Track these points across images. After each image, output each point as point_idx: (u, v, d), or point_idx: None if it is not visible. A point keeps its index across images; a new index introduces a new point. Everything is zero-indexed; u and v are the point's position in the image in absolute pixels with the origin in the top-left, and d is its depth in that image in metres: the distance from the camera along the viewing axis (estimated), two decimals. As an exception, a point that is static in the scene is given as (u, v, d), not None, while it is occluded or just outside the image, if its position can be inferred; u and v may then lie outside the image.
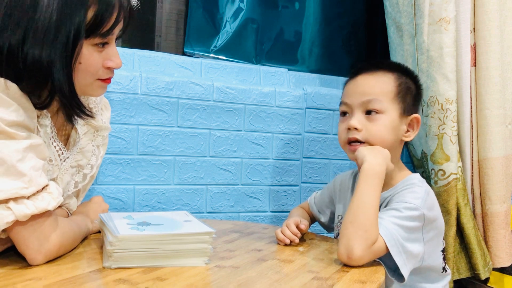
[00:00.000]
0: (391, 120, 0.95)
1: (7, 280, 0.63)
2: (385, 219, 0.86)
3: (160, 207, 1.29)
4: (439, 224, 0.95)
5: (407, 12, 1.38)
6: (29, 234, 0.70)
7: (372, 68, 0.99)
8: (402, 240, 0.85)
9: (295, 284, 0.69)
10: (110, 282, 0.66)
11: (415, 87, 1.01)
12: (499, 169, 1.33)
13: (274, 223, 1.43)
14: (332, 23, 1.73)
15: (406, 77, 1.00)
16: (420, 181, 0.96)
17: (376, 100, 0.94)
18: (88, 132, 0.93)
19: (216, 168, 1.36)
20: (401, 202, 0.89)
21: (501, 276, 1.39)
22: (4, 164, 0.67)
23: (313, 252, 0.91)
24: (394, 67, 1.01)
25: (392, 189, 0.96)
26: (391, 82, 0.97)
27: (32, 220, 0.70)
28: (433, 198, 0.94)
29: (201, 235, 0.76)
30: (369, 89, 0.96)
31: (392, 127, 0.95)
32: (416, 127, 0.99)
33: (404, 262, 0.84)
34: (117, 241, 0.71)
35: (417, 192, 0.91)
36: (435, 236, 0.94)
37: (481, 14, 1.33)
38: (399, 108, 0.96)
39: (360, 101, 0.96)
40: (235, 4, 1.53)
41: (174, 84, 1.30)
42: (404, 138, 0.98)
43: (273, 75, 1.53)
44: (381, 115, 0.95)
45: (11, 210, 0.67)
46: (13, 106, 0.69)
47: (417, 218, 0.88)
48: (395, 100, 0.96)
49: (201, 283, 0.68)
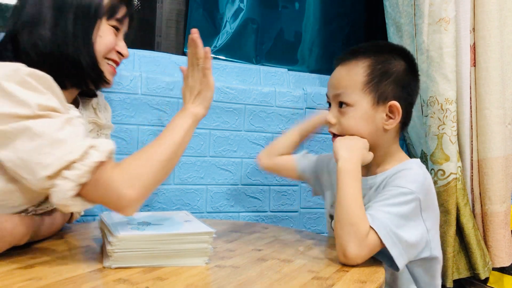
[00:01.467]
0: (362, 112, 0.92)
1: (7, 280, 0.63)
2: (377, 209, 0.84)
3: (160, 207, 1.29)
4: (435, 210, 0.93)
5: (407, 12, 1.38)
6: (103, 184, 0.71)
7: (348, 57, 0.96)
8: (396, 230, 0.82)
9: (295, 284, 0.69)
10: (110, 282, 0.66)
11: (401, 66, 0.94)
12: (498, 169, 1.33)
13: (274, 223, 1.43)
14: (332, 23, 1.73)
15: (387, 59, 0.94)
16: (419, 166, 0.93)
17: (344, 93, 0.93)
18: (93, 130, 0.96)
19: (216, 168, 1.36)
20: (395, 187, 0.87)
21: (501, 276, 1.40)
22: (45, 137, 0.67)
23: (313, 252, 0.91)
24: (373, 52, 0.95)
25: (385, 172, 0.94)
26: (361, 73, 0.93)
27: (97, 175, 0.70)
28: (430, 183, 0.91)
29: (201, 235, 0.76)
30: (339, 82, 0.95)
31: (365, 118, 0.92)
32: (397, 114, 0.92)
33: (400, 252, 0.82)
34: (117, 241, 0.71)
35: (413, 176, 0.88)
36: (434, 223, 0.91)
37: (480, 14, 1.33)
38: (371, 98, 0.92)
39: (332, 94, 0.96)
40: (235, 4, 1.53)
41: (174, 84, 1.30)
42: (385, 127, 0.93)
43: (273, 75, 1.53)
44: (351, 107, 0.93)
45: (67, 179, 0.67)
46: (47, 94, 0.71)
47: (412, 202, 0.84)
48: (364, 91, 0.92)
49: (201, 283, 0.68)
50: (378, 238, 0.81)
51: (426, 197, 0.87)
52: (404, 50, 0.98)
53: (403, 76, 0.94)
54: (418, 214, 0.86)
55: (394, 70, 0.94)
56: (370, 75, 0.93)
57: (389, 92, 0.93)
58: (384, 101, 0.93)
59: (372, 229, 0.81)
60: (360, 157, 0.89)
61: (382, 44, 1.02)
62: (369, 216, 0.83)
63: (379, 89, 0.92)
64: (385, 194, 0.87)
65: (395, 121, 0.93)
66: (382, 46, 1.00)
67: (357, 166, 0.88)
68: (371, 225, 0.81)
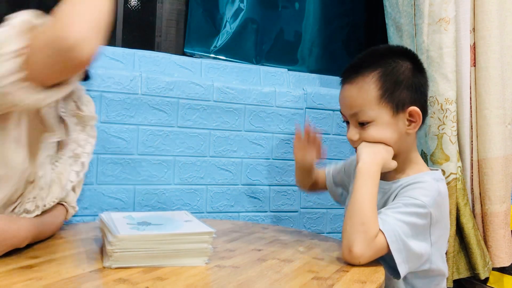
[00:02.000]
0: (384, 124, 0.92)
1: (7, 280, 0.63)
2: (389, 215, 0.84)
3: (160, 207, 1.29)
4: (444, 225, 0.93)
5: (407, 12, 1.38)
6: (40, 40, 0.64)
7: (353, 75, 0.95)
8: (404, 237, 0.83)
9: (295, 284, 0.69)
10: (110, 281, 0.66)
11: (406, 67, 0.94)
12: (498, 169, 1.33)
13: (274, 223, 1.43)
14: (332, 23, 1.73)
15: (392, 66, 0.93)
16: (435, 179, 0.92)
17: (361, 112, 0.93)
18: (78, 123, 0.94)
19: (216, 168, 1.36)
20: (409, 198, 0.87)
21: (501, 276, 1.39)
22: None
23: (313, 252, 0.91)
24: (376, 62, 0.94)
25: (401, 180, 0.94)
26: (372, 88, 0.92)
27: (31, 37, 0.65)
28: (444, 199, 0.91)
29: (201, 235, 0.76)
30: (353, 102, 0.94)
31: (387, 129, 0.92)
32: (418, 117, 0.93)
33: (403, 259, 0.83)
34: (117, 241, 0.71)
35: (427, 190, 0.88)
36: (441, 237, 0.92)
37: (480, 14, 1.33)
38: (389, 109, 0.92)
39: (349, 114, 0.96)
40: (235, 4, 1.53)
41: (174, 84, 1.30)
42: (408, 131, 0.94)
43: (273, 75, 1.53)
44: (372, 123, 0.93)
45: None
46: None
47: (424, 216, 0.85)
48: (381, 104, 0.92)
49: (201, 283, 0.68)
50: (385, 241, 0.81)
51: (437, 212, 0.88)
52: (405, 50, 0.98)
53: (412, 78, 0.94)
54: (427, 228, 0.87)
55: (403, 76, 0.93)
56: (382, 88, 0.92)
57: (405, 98, 0.93)
58: (403, 108, 0.93)
59: (381, 232, 0.82)
60: (381, 162, 0.90)
61: (382, 50, 1.00)
62: (380, 220, 0.84)
63: (395, 99, 0.92)
64: (398, 202, 0.88)
65: (417, 124, 0.94)
66: (382, 52, 0.98)
67: (376, 169, 0.88)
68: (380, 228, 0.82)
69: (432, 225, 0.87)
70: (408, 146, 0.96)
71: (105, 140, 1.23)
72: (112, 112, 1.23)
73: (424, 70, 0.98)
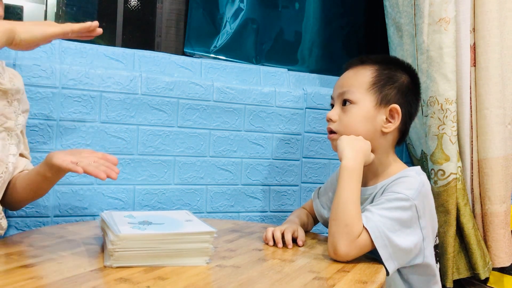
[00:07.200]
0: (364, 110, 0.95)
1: (7, 279, 0.63)
2: (373, 212, 0.86)
3: (160, 207, 1.29)
4: (432, 218, 0.94)
5: (407, 12, 1.38)
6: None
7: (356, 63, 1.01)
8: (388, 233, 0.84)
9: (296, 284, 0.69)
10: (111, 281, 0.66)
11: (405, 79, 0.99)
12: (498, 169, 1.33)
13: (274, 223, 1.43)
14: (332, 23, 1.73)
15: (393, 69, 0.98)
16: (418, 173, 0.94)
17: (349, 91, 0.97)
18: (1, 97, 0.92)
19: (216, 168, 1.36)
20: (392, 193, 0.88)
21: (501, 276, 1.40)
22: None
23: (314, 252, 0.91)
24: (381, 60, 1.00)
25: (386, 181, 0.96)
26: (368, 74, 0.97)
27: None
28: (427, 190, 0.92)
29: (202, 235, 0.76)
30: (345, 81, 1.00)
31: (366, 117, 0.95)
32: (397, 117, 0.96)
33: (389, 255, 0.84)
34: (119, 240, 0.71)
35: (411, 183, 0.90)
36: (430, 230, 0.92)
37: (480, 14, 1.33)
38: (374, 98, 0.96)
39: (338, 93, 1.00)
40: (235, 4, 1.53)
41: (174, 84, 1.30)
42: (384, 129, 0.96)
43: (273, 75, 1.53)
44: (354, 105, 0.96)
45: None
46: None
47: (408, 209, 0.86)
48: (369, 91, 0.96)
49: (202, 282, 0.68)
50: (369, 238, 0.83)
51: (422, 203, 0.89)
52: (410, 67, 1.03)
53: (406, 86, 0.99)
54: (415, 221, 0.88)
55: (400, 81, 0.99)
56: (376, 78, 0.97)
57: (392, 96, 0.97)
58: (386, 104, 0.96)
59: (365, 229, 0.84)
60: (363, 158, 0.92)
61: (391, 57, 1.08)
62: (364, 217, 0.85)
63: (383, 91, 0.96)
64: (381, 198, 0.89)
65: (393, 125, 0.96)
66: (390, 58, 1.06)
67: (360, 166, 0.90)
68: (364, 226, 0.84)
69: (420, 218, 0.88)
70: (383, 147, 0.98)
71: (105, 140, 1.23)
72: (112, 112, 1.23)
73: (419, 92, 1.03)
